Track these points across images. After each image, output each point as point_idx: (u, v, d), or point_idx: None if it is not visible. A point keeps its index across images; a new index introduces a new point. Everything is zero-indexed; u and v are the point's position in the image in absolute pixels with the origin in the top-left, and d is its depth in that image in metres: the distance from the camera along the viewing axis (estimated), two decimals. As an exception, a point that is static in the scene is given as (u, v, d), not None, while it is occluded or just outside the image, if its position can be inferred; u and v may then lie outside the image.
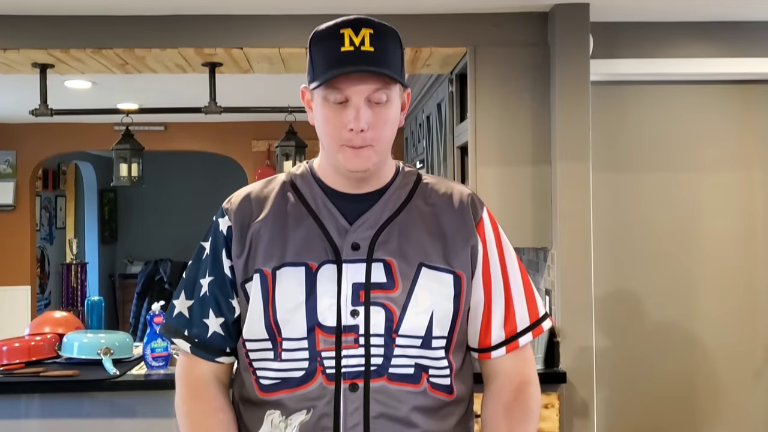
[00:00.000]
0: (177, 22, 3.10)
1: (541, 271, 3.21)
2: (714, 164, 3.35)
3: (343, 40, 1.29)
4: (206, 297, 1.41)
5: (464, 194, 1.44)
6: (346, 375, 1.30)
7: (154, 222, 9.02)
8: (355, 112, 1.30)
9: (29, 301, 6.37)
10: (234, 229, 1.39)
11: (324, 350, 1.31)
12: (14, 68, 3.42)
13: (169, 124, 6.41)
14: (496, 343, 1.42)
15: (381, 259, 1.34)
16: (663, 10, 3.07)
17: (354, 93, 1.30)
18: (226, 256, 1.40)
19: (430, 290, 1.34)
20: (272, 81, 4.13)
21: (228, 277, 1.40)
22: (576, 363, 2.95)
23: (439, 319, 1.35)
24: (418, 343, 1.33)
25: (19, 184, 6.41)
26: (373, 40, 1.30)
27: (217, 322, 1.40)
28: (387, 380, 1.31)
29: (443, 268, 1.36)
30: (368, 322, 1.31)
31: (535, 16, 3.11)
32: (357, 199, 1.39)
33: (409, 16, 3.07)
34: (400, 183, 1.42)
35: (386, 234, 1.36)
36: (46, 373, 2.92)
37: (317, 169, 1.43)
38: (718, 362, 3.31)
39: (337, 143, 1.33)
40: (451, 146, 3.73)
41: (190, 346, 1.42)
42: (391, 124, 1.35)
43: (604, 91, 3.26)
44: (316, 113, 1.36)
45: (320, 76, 1.30)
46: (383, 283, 1.33)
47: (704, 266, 3.33)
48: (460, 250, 1.38)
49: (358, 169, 1.33)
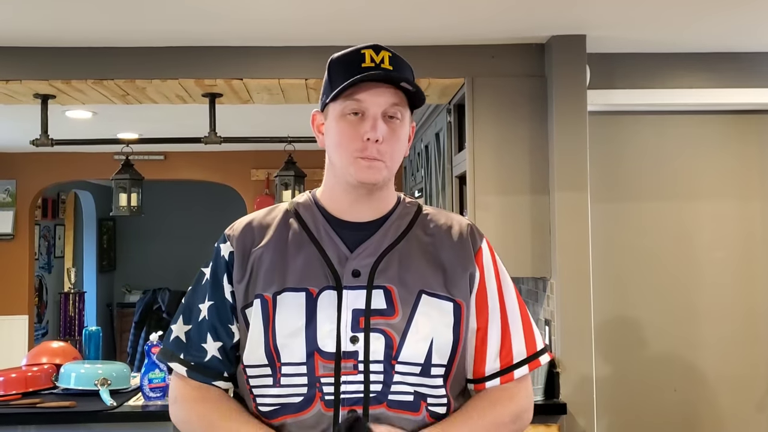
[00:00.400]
0: (178, 53, 3.13)
1: (541, 301, 3.21)
2: (711, 193, 3.36)
3: (364, 58, 1.35)
4: (205, 321, 1.41)
5: (463, 225, 1.46)
6: (345, 401, 1.30)
7: (153, 251, 9.01)
8: (372, 122, 1.34)
9: (27, 330, 6.34)
10: (236, 255, 1.40)
11: (323, 376, 1.31)
12: (16, 99, 3.45)
13: (168, 153, 6.44)
14: (490, 373, 1.42)
15: (381, 286, 1.35)
16: (658, 41, 3.11)
17: (372, 104, 1.34)
18: (227, 281, 1.40)
19: (430, 317, 1.35)
20: (272, 111, 4.16)
21: (228, 302, 1.40)
22: (576, 394, 2.94)
23: (439, 347, 1.35)
24: (417, 371, 1.33)
25: (19, 213, 6.41)
26: (391, 62, 1.36)
27: (215, 347, 1.40)
28: (386, 407, 1.31)
29: (443, 295, 1.37)
30: (368, 349, 1.31)
31: (532, 47, 3.15)
32: (358, 227, 1.40)
33: (408, 47, 3.09)
34: (401, 213, 1.44)
35: (386, 261, 1.37)
36: (43, 404, 2.90)
37: (320, 197, 1.45)
38: (720, 392, 3.29)
39: (351, 155, 1.35)
40: (450, 175, 3.75)
41: (186, 369, 1.41)
42: (402, 144, 1.39)
43: (601, 121, 3.29)
44: (330, 129, 1.39)
45: (340, 86, 1.34)
46: (383, 310, 1.33)
47: (703, 295, 3.33)
48: (459, 279, 1.39)
49: (368, 180, 1.35)
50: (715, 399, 3.29)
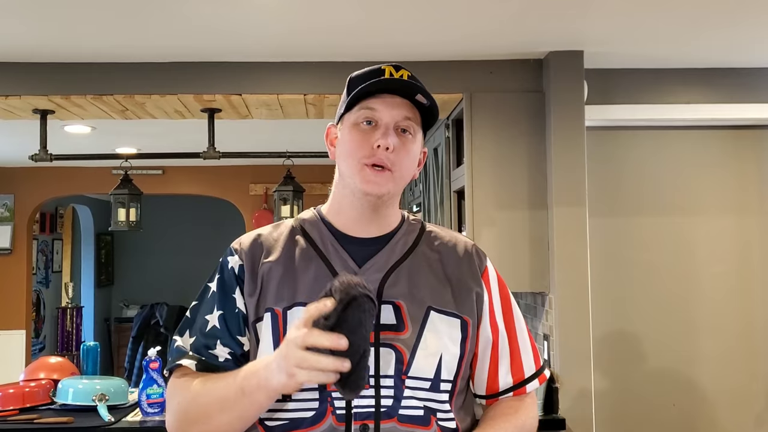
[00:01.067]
0: (177, 69, 3.15)
1: (540, 315, 3.20)
2: (709, 208, 3.36)
3: (384, 72, 1.38)
4: (214, 329, 1.37)
5: (468, 244, 1.49)
6: (357, 416, 1.30)
7: (151, 266, 9.00)
8: (384, 130, 1.36)
9: (24, 345, 6.32)
10: (246, 268, 1.39)
11: (334, 391, 1.30)
12: (15, 114, 3.45)
13: (167, 167, 6.45)
14: (504, 388, 1.45)
15: (390, 302, 1.35)
16: (656, 56, 3.12)
17: (385, 114, 1.36)
18: (240, 293, 1.39)
19: (438, 333, 1.36)
20: (271, 126, 4.17)
21: (242, 312, 1.38)
22: (575, 409, 2.93)
23: (447, 363, 1.36)
24: (427, 386, 1.34)
25: (17, 228, 6.41)
26: (411, 78, 1.39)
27: (224, 351, 1.37)
28: (397, 422, 1.31)
29: (451, 312, 1.38)
30: (378, 364, 1.32)
31: (530, 63, 3.16)
32: (365, 243, 1.41)
33: (407, 62, 3.09)
34: (406, 230, 1.46)
35: (395, 277, 1.38)
36: (41, 420, 2.89)
37: (326, 213, 1.46)
38: (719, 406, 3.29)
39: (360, 162, 1.36)
40: (448, 190, 3.75)
41: (195, 363, 1.36)
42: (411, 159, 1.40)
43: (599, 136, 3.30)
44: (342, 139, 1.40)
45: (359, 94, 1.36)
46: (393, 325, 1.34)
47: (701, 309, 3.33)
48: (465, 296, 1.41)
49: (373, 192, 1.36)
50: (714, 413, 3.28)
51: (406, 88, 1.37)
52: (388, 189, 1.37)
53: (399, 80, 1.37)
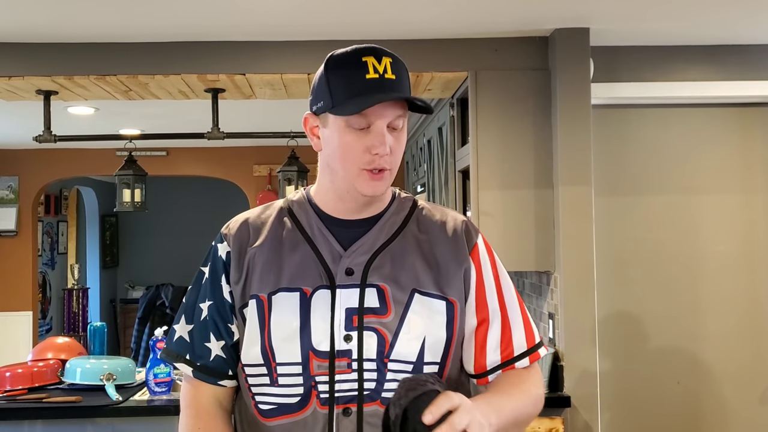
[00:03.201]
0: (180, 48, 3.13)
1: (544, 294, 3.21)
2: (715, 187, 3.35)
3: (368, 68, 1.32)
4: (207, 321, 1.42)
5: (458, 221, 1.45)
6: (340, 399, 1.31)
7: (156, 247, 9.02)
8: (381, 137, 1.32)
9: (31, 326, 6.35)
10: (232, 255, 1.41)
11: (318, 374, 1.32)
12: (18, 95, 3.45)
13: (171, 149, 6.44)
14: (492, 366, 1.42)
15: (374, 285, 1.35)
16: (663, 33, 3.10)
17: (378, 118, 1.32)
18: (225, 282, 1.41)
19: (422, 316, 1.35)
20: (274, 106, 4.16)
21: (228, 302, 1.41)
22: (580, 387, 2.94)
23: (431, 346, 1.35)
24: (409, 369, 1.33)
25: (22, 210, 6.42)
26: (393, 68, 1.33)
27: (218, 346, 1.41)
28: (380, 404, 1.31)
29: (436, 294, 1.37)
30: (361, 347, 1.32)
31: (535, 40, 3.14)
32: (352, 225, 1.40)
33: (411, 41, 3.09)
34: (396, 209, 1.44)
35: (380, 260, 1.37)
36: (49, 399, 2.91)
37: (314, 195, 1.45)
38: (723, 384, 3.30)
39: (357, 167, 1.34)
40: (453, 170, 3.74)
41: (192, 369, 1.42)
42: (403, 147, 1.39)
43: (605, 114, 3.28)
44: (332, 139, 1.36)
45: (348, 103, 1.31)
46: (376, 308, 1.34)
47: (707, 288, 3.32)
48: (453, 276, 1.39)
49: (375, 194, 1.35)
50: (719, 391, 3.29)
51: (397, 94, 1.31)
52: (386, 186, 1.37)
53: (393, 94, 1.31)
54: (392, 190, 1.47)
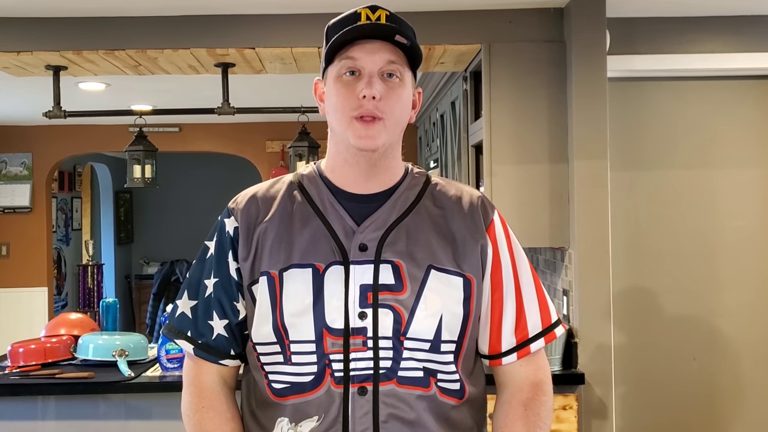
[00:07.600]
0: (189, 22, 3.09)
1: (559, 271, 3.17)
2: (733, 161, 3.29)
3: (360, 17, 1.32)
4: (211, 298, 1.39)
5: (474, 196, 1.42)
6: (355, 378, 1.28)
7: (170, 223, 9.05)
8: (368, 79, 1.30)
9: (46, 302, 6.41)
10: (240, 231, 1.37)
11: (332, 353, 1.29)
12: (28, 71, 3.43)
13: (183, 125, 6.43)
14: (507, 349, 1.39)
15: (389, 261, 1.31)
16: (681, 3, 3.02)
17: (368, 62, 1.30)
18: (232, 258, 1.38)
19: (439, 293, 1.32)
20: (285, 81, 4.12)
21: (234, 279, 1.38)
22: (594, 364, 2.91)
23: (449, 323, 1.32)
24: (426, 347, 1.31)
25: (36, 186, 6.44)
26: (389, 19, 1.32)
27: (221, 324, 1.38)
28: (396, 383, 1.29)
29: (453, 270, 1.34)
30: (376, 325, 1.29)
31: (550, 12, 3.08)
32: (365, 199, 1.36)
33: (423, 13, 3.04)
34: (409, 184, 1.40)
35: (394, 235, 1.33)
36: (62, 375, 2.92)
37: (325, 169, 1.41)
38: (740, 360, 3.26)
39: (348, 116, 1.31)
40: (466, 145, 3.70)
41: (193, 347, 1.40)
42: (403, 104, 1.34)
43: (621, 87, 3.22)
44: (328, 93, 1.35)
45: (335, 45, 1.31)
46: (391, 285, 1.30)
47: (724, 263, 3.28)
48: (469, 252, 1.36)
49: (366, 147, 1.31)
50: (735, 367, 3.26)
51: (382, 30, 1.30)
52: (382, 140, 1.31)
53: (374, 24, 1.30)
54: (405, 166, 1.43)
